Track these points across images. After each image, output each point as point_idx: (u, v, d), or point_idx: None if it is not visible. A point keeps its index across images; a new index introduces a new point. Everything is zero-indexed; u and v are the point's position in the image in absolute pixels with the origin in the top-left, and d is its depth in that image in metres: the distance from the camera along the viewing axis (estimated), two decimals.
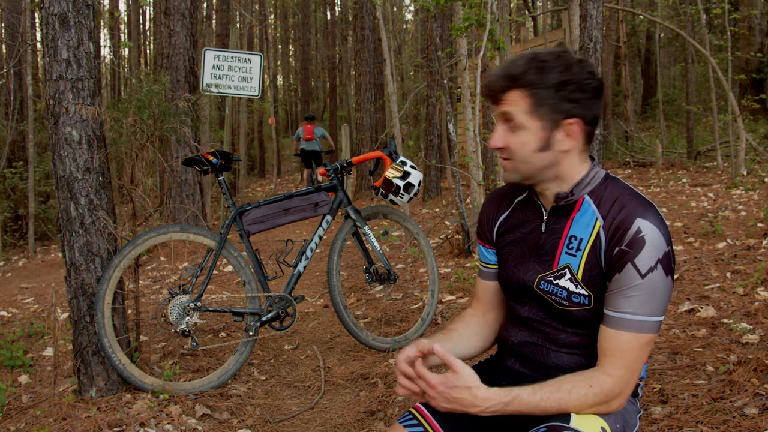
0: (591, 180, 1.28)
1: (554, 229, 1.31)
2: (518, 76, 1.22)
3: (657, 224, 1.17)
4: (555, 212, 1.31)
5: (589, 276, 1.23)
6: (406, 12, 26.05)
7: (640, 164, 10.82)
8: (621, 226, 1.19)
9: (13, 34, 10.56)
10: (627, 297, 1.17)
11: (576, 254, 1.25)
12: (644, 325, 1.17)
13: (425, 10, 4.68)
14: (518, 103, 1.23)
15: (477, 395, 1.13)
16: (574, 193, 1.28)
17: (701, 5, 8.93)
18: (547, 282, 1.29)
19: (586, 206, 1.27)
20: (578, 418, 1.17)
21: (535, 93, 1.21)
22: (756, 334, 2.54)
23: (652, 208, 1.20)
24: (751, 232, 4.43)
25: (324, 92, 25.33)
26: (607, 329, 1.20)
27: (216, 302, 3.95)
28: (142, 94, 2.79)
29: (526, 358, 1.36)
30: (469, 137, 4.42)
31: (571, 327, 1.29)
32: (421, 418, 1.35)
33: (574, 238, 1.26)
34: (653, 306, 1.17)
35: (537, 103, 1.22)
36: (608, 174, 1.30)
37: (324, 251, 6.01)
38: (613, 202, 1.23)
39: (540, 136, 1.24)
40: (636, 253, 1.16)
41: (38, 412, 2.40)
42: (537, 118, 1.23)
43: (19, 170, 10.12)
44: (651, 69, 18.76)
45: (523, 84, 1.21)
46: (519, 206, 1.41)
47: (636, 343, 1.17)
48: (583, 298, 1.24)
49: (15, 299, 5.16)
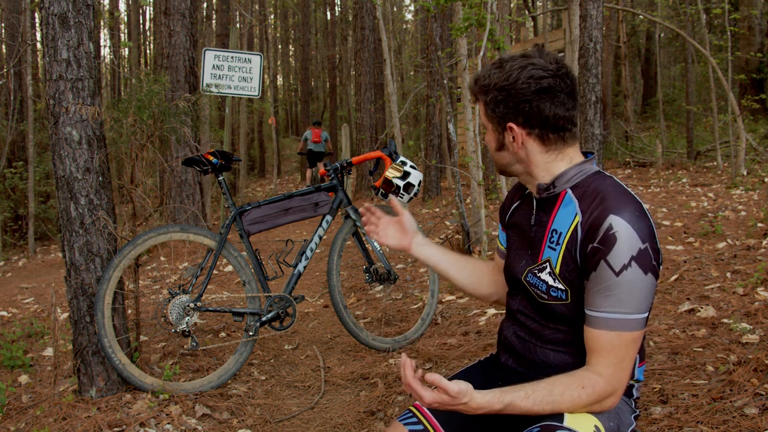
0: (576, 174, 1.28)
1: (541, 222, 1.32)
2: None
3: (631, 221, 1.15)
4: (541, 205, 1.33)
5: (565, 270, 1.23)
6: (406, 12, 26.06)
7: (640, 164, 10.82)
8: (595, 222, 1.18)
9: (13, 34, 10.56)
10: (604, 295, 1.17)
11: (555, 248, 1.26)
12: (625, 323, 1.16)
13: (425, 10, 4.68)
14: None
15: (471, 406, 1.14)
16: (555, 185, 1.28)
17: (701, 5, 8.93)
18: (533, 274, 1.31)
19: (568, 200, 1.26)
20: (571, 417, 1.17)
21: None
22: (756, 334, 2.54)
23: (631, 204, 1.18)
24: (751, 232, 4.43)
25: (324, 92, 25.33)
26: (590, 329, 1.20)
27: (216, 302, 3.95)
28: (142, 94, 2.79)
29: (517, 353, 1.37)
30: (469, 137, 4.42)
31: (552, 323, 1.29)
32: (421, 416, 1.36)
33: (555, 232, 1.27)
34: (633, 304, 1.16)
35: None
36: (600, 171, 1.30)
37: (324, 251, 6.01)
38: (594, 198, 1.22)
39: (495, 137, 1.33)
40: (608, 251, 1.15)
41: (38, 412, 2.40)
42: (489, 121, 1.32)
43: (19, 170, 10.11)
44: (651, 69, 18.76)
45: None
46: (524, 199, 1.44)
47: (619, 342, 1.17)
48: (560, 293, 1.25)
49: (15, 299, 5.16)
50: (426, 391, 1.14)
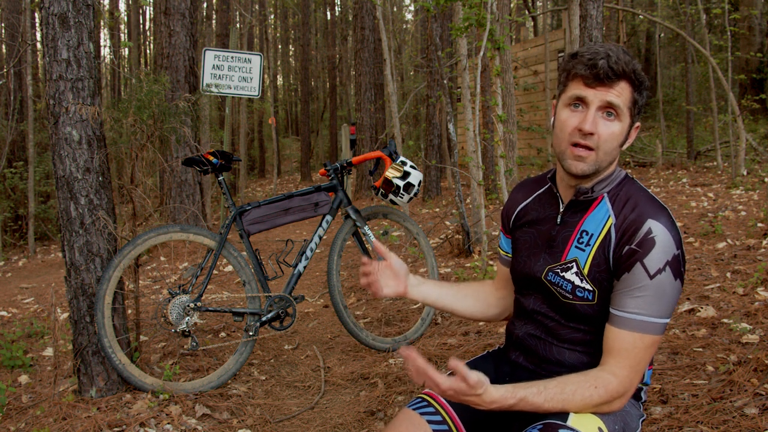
0: (612, 179, 1.29)
1: (569, 222, 1.31)
2: (634, 70, 1.20)
3: (668, 227, 1.17)
4: (572, 206, 1.32)
5: (595, 272, 1.23)
6: (406, 12, 26.05)
7: (640, 164, 10.82)
8: (632, 225, 1.19)
9: (13, 34, 10.55)
10: (634, 297, 1.17)
11: (585, 249, 1.25)
12: (650, 326, 1.17)
13: (425, 10, 4.68)
14: (625, 94, 1.21)
15: (485, 399, 1.12)
16: (594, 190, 1.28)
17: (701, 5, 8.92)
18: (555, 273, 1.30)
19: (603, 204, 1.27)
20: (576, 417, 1.17)
21: (639, 90, 1.22)
22: (756, 334, 2.54)
23: (664, 210, 1.20)
24: (751, 232, 4.42)
25: (324, 92, 25.32)
26: (613, 328, 1.20)
27: (216, 302, 3.95)
28: (142, 94, 2.79)
29: (529, 351, 1.36)
30: (469, 137, 4.42)
31: (573, 322, 1.29)
32: (438, 406, 1.33)
33: (585, 233, 1.26)
34: (660, 307, 1.17)
35: (634, 100, 1.22)
36: (627, 175, 1.31)
37: (324, 251, 6.01)
38: (626, 202, 1.24)
39: (625, 131, 1.24)
40: (645, 254, 1.16)
41: (38, 412, 2.40)
42: (629, 114, 1.23)
43: (19, 170, 10.10)
44: (651, 69, 18.74)
45: (635, 79, 1.21)
46: (539, 198, 1.42)
47: (641, 344, 1.17)
48: (588, 293, 1.24)
49: (15, 299, 5.16)
50: (442, 378, 1.09)
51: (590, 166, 1.23)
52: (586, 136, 1.21)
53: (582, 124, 1.21)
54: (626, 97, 1.21)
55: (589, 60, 1.20)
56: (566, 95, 1.25)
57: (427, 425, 1.30)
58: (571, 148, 1.23)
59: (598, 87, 1.20)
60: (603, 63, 1.18)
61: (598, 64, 1.18)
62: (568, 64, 1.24)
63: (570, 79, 1.24)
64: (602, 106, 1.21)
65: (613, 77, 1.19)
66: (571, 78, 1.24)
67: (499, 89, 4.30)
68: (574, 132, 1.22)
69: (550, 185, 1.38)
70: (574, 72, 1.22)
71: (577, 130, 1.21)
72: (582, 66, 1.21)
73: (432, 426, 1.30)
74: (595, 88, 1.20)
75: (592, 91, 1.20)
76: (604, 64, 1.18)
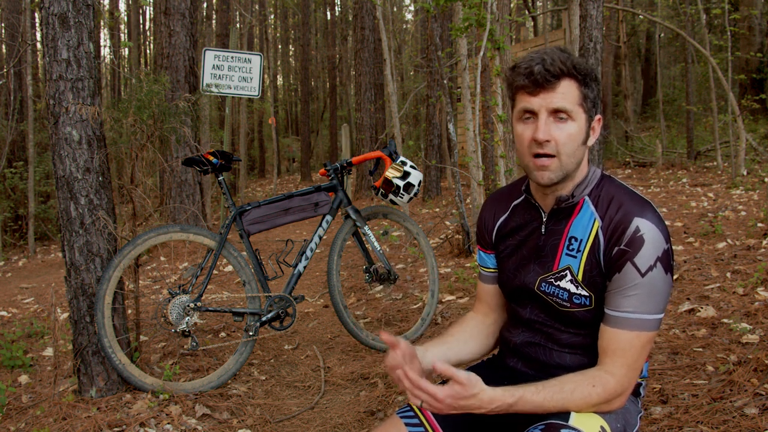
0: (590, 181, 1.28)
1: (554, 230, 1.30)
2: (574, 65, 1.19)
3: (655, 222, 1.17)
4: (554, 214, 1.31)
5: (589, 277, 1.23)
6: (406, 12, 26.05)
7: (640, 164, 10.82)
8: (619, 225, 1.19)
9: (13, 34, 10.55)
10: (627, 296, 1.17)
11: (576, 255, 1.25)
12: (645, 323, 1.17)
13: (425, 10, 4.68)
14: (570, 92, 1.19)
15: (483, 399, 1.12)
16: (575, 195, 1.27)
17: (701, 5, 8.92)
18: (548, 284, 1.29)
19: (585, 207, 1.27)
20: (577, 417, 1.17)
21: (585, 84, 1.20)
22: (756, 334, 2.54)
23: (649, 206, 1.20)
24: (751, 232, 4.42)
25: (324, 92, 25.32)
26: (608, 328, 1.20)
27: (216, 302, 3.95)
28: (142, 94, 2.79)
29: (529, 358, 1.35)
30: (469, 137, 4.42)
31: (572, 328, 1.29)
32: (421, 415, 1.34)
33: (574, 240, 1.26)
34: (653, 304, 1.17)
35: (584, 95, 1.21)
36: (603, 173, 1.30)
37: (324, 251, 6.00)
38: (610, 202, 1.23)
39: (583, 129, 1.22)
40: (635, 252, 1.16)
41: (38, 412, 2.40)
42: (583, 110, 1.21)
43: (19, 170, 10.10)
44: (651, 69, 18.75)
45: (577, 74, 1.19)
46: (517, 209, 1.40)
47: (637, 342, 1.18)
48: (584, 299, 1.24)
49: (15, 299, 5.16)
50: (437, 388, 1.09)
51: (556, 173, 1.22)
52: (542, 144, 1.20)
53: (536, 134, 1.20)
54: (573, 94, 1.19)
55: (526, 69, 1.19)
56: (516, 110, 1.25)
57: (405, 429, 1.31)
58: (533, 160, 1.22)
59: (541, 93, 1.19)
60: (539, 68, 1.17)
61: (534, 71, 1.18)
62: (510, 78, 1.24)
63: (515, 92, 1.24)
64: (551, 111, 1.20)
65: (552, 79, 1.18)
66: (516, 91, 1.24)
67: (499, 89, 4.30)
68: (531, 143, 1.21)
69: (526, 196, 1.36)
70: (516, 84, 1.22)
71: (533, 140, 1.21)
72: (520, 77, 1.20)
73: (408, 428, 1.30)
74: (538, 95, 1.19)
75: (537, 100, 1.20)
76: (540, 68, 1.17)
